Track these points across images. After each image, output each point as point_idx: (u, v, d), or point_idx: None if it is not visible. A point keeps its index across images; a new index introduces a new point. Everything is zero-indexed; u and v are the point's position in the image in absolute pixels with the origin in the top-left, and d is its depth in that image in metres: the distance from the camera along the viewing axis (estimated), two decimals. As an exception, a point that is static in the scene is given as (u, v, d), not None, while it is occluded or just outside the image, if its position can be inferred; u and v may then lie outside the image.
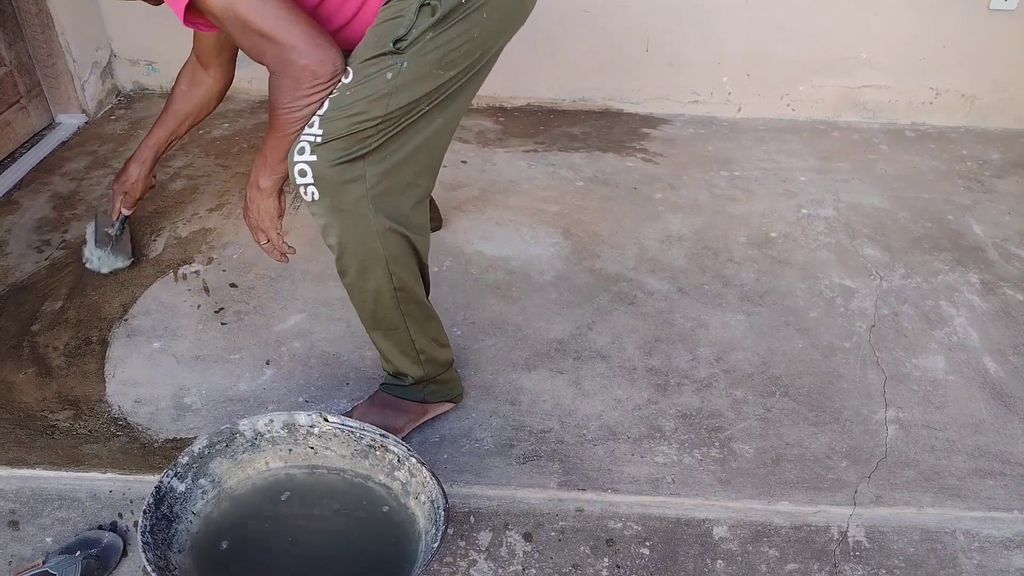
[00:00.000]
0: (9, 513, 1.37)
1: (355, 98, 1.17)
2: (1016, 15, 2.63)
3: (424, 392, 1.48)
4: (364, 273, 1.29)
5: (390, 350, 1.42)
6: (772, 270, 2.03)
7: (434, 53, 1.19)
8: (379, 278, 1.30)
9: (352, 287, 1.33)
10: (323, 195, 1.20)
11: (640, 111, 2.88)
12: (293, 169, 1.20)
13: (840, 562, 1.34)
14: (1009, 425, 1.59)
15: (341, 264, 1.29)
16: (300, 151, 1.19)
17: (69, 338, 1.70)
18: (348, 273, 1.30)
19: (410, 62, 1.18)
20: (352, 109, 1.17)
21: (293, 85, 1.16)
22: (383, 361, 1.47)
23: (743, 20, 2.67)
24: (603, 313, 1.85)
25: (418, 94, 1.20)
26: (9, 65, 2.37)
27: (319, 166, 1.18)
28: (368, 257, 1.27)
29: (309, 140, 1.18)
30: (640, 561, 1.33)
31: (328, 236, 1.26)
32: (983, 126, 2.87)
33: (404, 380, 1.46)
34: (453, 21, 1.19)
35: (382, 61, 1.18)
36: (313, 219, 1.25)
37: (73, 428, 1.49)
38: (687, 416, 1.58)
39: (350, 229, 1.24)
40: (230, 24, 1.14)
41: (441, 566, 1.31)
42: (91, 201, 2.19)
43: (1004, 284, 2.00)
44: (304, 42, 1.14)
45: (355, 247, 1.26)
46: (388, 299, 1.33)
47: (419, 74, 1.19)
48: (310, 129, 1.19)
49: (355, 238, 1.25)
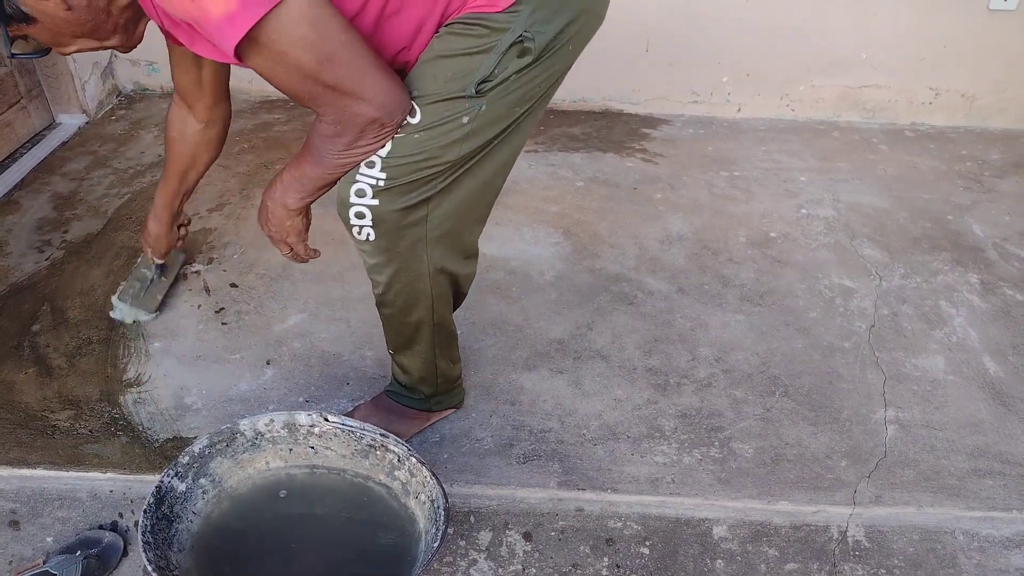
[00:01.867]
0: (10, 513, 1.37)
1: (425, 143, 1.07)
2: (1016, 15, 2.63)
3: (431, 402, 1.48)
4: (408, 309, 1.27)
5: (411, 369, 1.41)
6: (772, 270, 2.03)
7: (515, 94, 1.09)
8: (421, 314, 1.28)
9: (391, 318, 1.31)
10: (380, 238, 1.15)
11: (640, 111, 2.88)
12: (349, 211, 1.12)
13: (840, 562, 1.34)
14: (1009, 425, 1.59)
15: (384, 297, 1.26)
16: (359, 193, 1.10)
17: (69, 338, 1.71)
18: (390, 306, 1.27)
19: (489, 105, 1.07)
20: (421, 155, 1.07)
21: (355, 137, 1.04)
22: (401, 374, 1.44)
23: (743, 20, 2.67)
24: (603, 313, 1.85)
25: (491, 135, 1.11)
26: (9, 65, 2.38)
27: (380, 210, 1.11)
28: (415, 296, 1.24)
29: (370, 183, 1.09)
30: (640, 561, 1.33)
31: (376, 273, 1.22)
32: (983, 126, 2.87)
33: (412, 395, 1.46)
34: (542, 60, 1.08)
35: (458, 104, 1.06)
36: (359, 254, 1.21)
37: (73, 428, 1.49)
38: (687, 416, 1.58)
39: (403, 271, 1.20)
40: (283, 70, 0.95)
41: (441, 566, 1.31)
42: (91, 201, 2.19)
43: (1004, 284, 2.01)
44: (376, 91, 1.00)
45: (403, 287, 1.23)
46: (426, 332, 1.32)
47: (497, 116, 1.10)
48: (370, 170, 1.09)
49: (406, 279, 1.21)
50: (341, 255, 2.00)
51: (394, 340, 1.37)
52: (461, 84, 1.05)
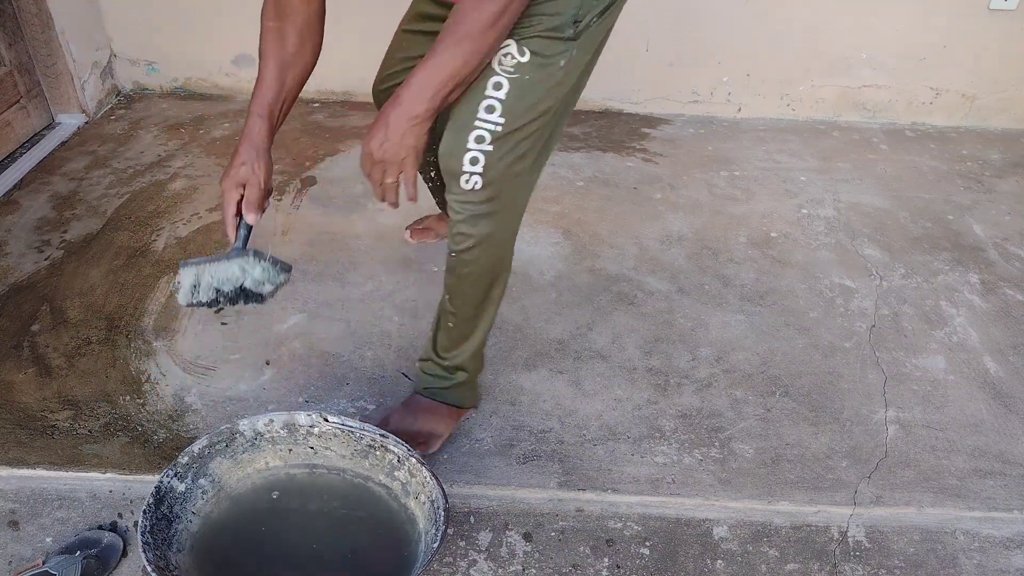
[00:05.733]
0: (9, 513, 1.37)
1: (535, 85, 1.09)
2: (1016, 15, 2.63)
3: (461, 395, 1.47)
4: (488, 271, 1.27)
5: (469, 341, 1.40)
6: (772, 270, 2.03)
7: (593, 42, 1.11)
8: (498, 282, 1.30)
9: (467, 278, 1.28)
10: (486, 187, 1.14)
11: (640, 111, 2.88)
12: (465, 156, 1.11)
13: (840, 562, 1.34)
14: (1009, 425, 1.59)
15: (469, 255, 1.23)
16: (479, 139, 1.10)
17: (69, 338, 1.70)
18: (472, 264, 1.25)
19: (579, 50, 1.09)
20: (533, 97, 1.09)
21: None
22: (449, 350, 1.41)
23: (743, 20, 2.67)
24: (603, 313, 1.85)
25: (571, 86, 1.13)
26: (9, 65, 2.37)
27: (493, 157, 1.12)
28: (499, 259, 1.26)
29: (488, 128, 1.10)
30: (640, 561, 1.33)
31: (471, 226, 1.19)
32: (983, 126, 2.87)
33: (453, 378, 1.45)
34: (612, 8, 1.12)
35: (556, 45, 1.07)
36: (453, 207, 1.19)
37: (73, 428, 1.49)
38: (687, 416, 1.58)
39: (498, 226, 1.20)
40: None
41: (441, 566, 1.31)
42: (91, 201, 2.19)
43: (1004, 284, 2.00)
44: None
45: (492, 245, 1.22)
46: (494, 306, 1.34)
47: (580, 64, 1.12)
48: (490, 116, 1.09)
49: (500, 236, 1.21)
50: (341, 255, 2.00)
51: (461, 307, 1.34)
52: (560, 22, 1.06)
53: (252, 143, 1.23)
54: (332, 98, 2.86)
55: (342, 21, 2.65)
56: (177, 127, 2.63)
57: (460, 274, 1.28)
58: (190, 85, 2.88)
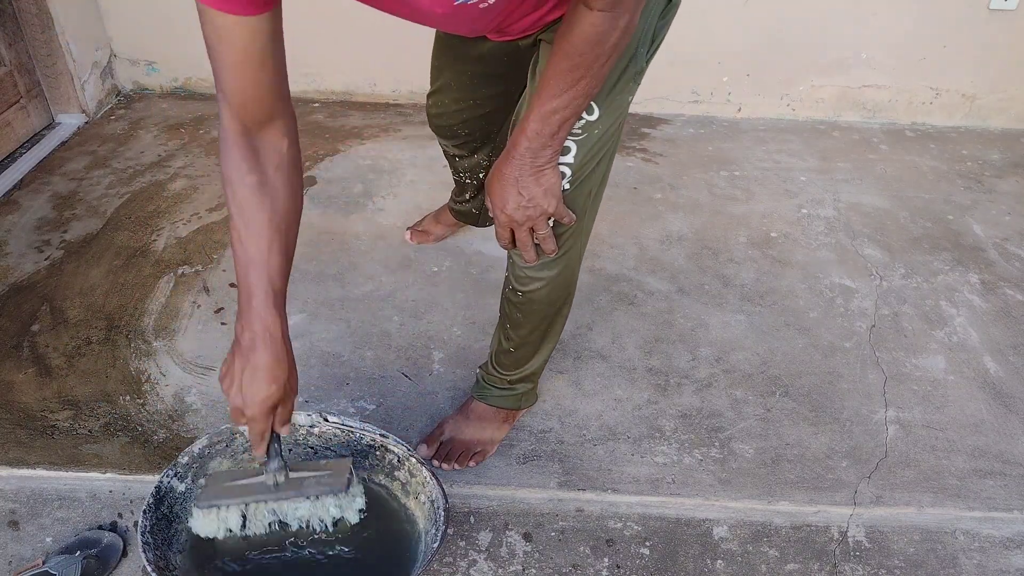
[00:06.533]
0: (9, 513, 1.37)
1: (602, 135, 1.08)
2: (1016, 15, 2.63)
3: (521, 399, 1.47)
4: (559, 299, 1.28)
5: (535, 363, 1.41)
6: (772, 270, 2.03)
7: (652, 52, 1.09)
8: (567, 304, 1.31)
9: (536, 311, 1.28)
10: (558, 237, 1.15)
11: (640, 111, 2.88)
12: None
13: (840, 562, 1.34)
14: (1009, 425, 1.59)
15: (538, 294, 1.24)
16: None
17: (68, 338, 1.70)
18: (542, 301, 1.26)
19: (646, 64, 1.08)
20: (600, 145, 1.09)
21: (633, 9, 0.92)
22: (509, 370, 1.41)
23: (743, 20, 2.67)
24: (603, 313, 1.85)
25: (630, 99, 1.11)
26: (9, 65, 2.37)
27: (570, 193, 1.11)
28: (568, 283, 1.26)
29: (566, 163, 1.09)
30: (640, 561, 1.33)
31: (541, 270, 1.20)
32: (983, 126, 2.87)
33: (515, 390, 1.45)
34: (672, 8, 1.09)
35: (628, 84, 1.06)
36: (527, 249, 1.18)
37: (73, 428, 1.49)
38: (687, 416, 1.58)
39: (568, 262, 1.20)
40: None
41: (441, 566, 1.31)
42: (91, 201, 2.19)
43: (1004, 284, 2.00)
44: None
45: (564, 280, 1.23)
46: (560, 326, 1.35)
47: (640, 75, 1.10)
48: (563, 157, 1.07)
49: (569, 269, 1.22)
50: (341, 255, 2.00)
51: (527, 336, 1.34)
52: (630, 53, 1.02)
53: (274, 351, 0.99)
54: (332, 98, 2.85)
55: (342, 21, 2.65)
56: (177, 127, 2.63)
57: (526, 311, 1.29)
58: (190, 85, 2.88)
